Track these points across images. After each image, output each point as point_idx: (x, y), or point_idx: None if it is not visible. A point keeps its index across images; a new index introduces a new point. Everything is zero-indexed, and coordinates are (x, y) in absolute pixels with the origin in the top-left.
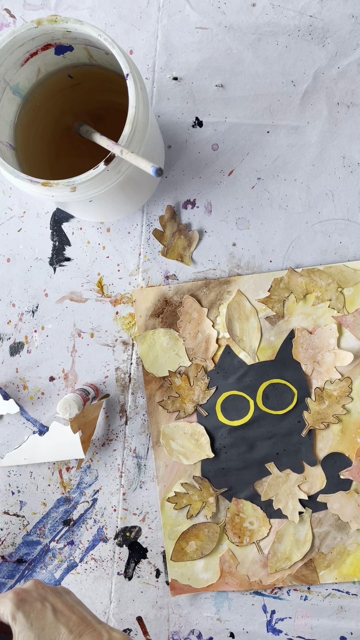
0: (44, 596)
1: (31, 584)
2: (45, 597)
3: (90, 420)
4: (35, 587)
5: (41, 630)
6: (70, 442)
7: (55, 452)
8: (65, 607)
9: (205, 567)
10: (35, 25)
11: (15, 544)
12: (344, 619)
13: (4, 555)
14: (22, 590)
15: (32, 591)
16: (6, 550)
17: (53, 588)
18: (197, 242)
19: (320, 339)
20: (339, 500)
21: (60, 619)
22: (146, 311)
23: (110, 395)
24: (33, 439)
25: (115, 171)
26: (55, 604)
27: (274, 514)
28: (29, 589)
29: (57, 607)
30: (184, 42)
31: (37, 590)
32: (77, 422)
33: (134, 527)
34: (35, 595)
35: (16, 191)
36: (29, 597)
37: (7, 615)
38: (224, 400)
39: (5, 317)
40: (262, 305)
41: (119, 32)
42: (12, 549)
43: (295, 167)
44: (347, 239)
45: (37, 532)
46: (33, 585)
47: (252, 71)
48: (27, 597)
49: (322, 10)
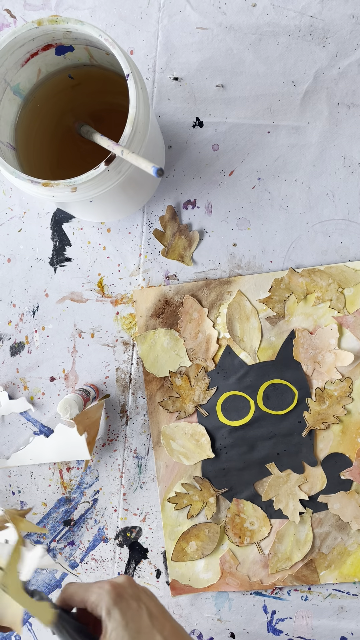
0: (138, 595)
1: (125, 580)
2: (139, 596)
3: (93, 421)
4: (129, 584)
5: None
6: (75, 443)
7: (60, 453)
8: (159, 612)
9: (206, 568)
10: (36, 26)
11: None
12: (344, 619)
13: None
14: (118, 585)
15: (127, 587)
16: None
17: (143, 589)
18: (197, 242)
19: (321, 339)
20: (340, 501)
21: (156, 624)
22: (147, 311)
23: (111, 396)
24: (38, 439)
25: (116, 171)
26: (149, 606)
27: (275, 514)
28: (124, 584)
29: (152, 610)
30: (185, 42)
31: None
32: (82, 425)
33: (135, 528)
34: (131, 593)
35: (17, 191)
36: (125, 593)
37: (102, 608)
38: (224, 401)
39: (5, 317)
40: (263, 306)
41: (120, 33)
42: None
43: (295, 168)
44: (347, 239)
45: (37, 533)
46: (127, 581)
47: (252, 71)
48: (124, 594)
49: (322, 10)
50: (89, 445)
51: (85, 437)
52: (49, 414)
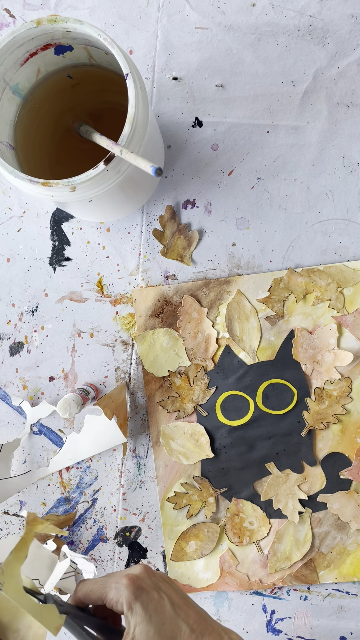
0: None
1: (142, 570)
2: (159, 586)
3: (119, 404)
4: (147, 574)
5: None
6: (108, 431)
7: (97, 445)
8: (181, 600)
9: (205, 567)
10: (35, 25)
11: None
12: (343, 619)
13: None
14: (136, 577)
15: (146, 578)
16: None
17: (161, 575)
18: (196, 242)
19: (320, 339)
20: (339, 500)
21: (180, 613)
22: (146, 311)
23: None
24: (72, 437)
25: (115, 171)
26: (170, 595)
27: (274, 514)
28: (141, 575)
29: (173, 599)
30: (184, 42)
31: (150, 577)
32: (109, 408)
33: (134, 527)
34: (150, 583)
35: (16, 191)
36: (144, 584)
37: (123, 604)
38: (223, 400)
39: (5, 317)
40: (262, 305)
41: (119, 32)
42: None
43: (295, 167)
44: (347, 239)
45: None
46: (144, 571)
47: (252, 71)
48: (144, 585)
49: (322, 10)
50: (121, 428)
51: (116, 421)
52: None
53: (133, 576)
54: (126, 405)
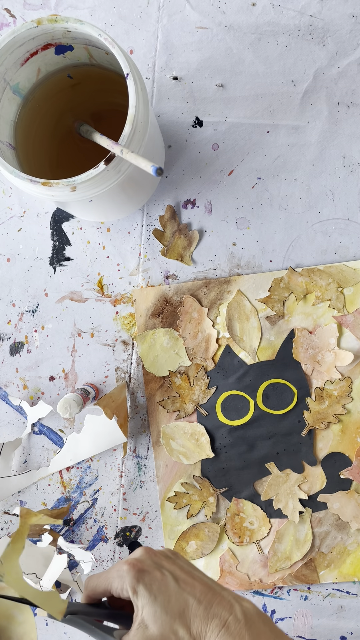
0: (159, 564)
1: (143, 552)
2: (161, 564)
3: (119, 403)
4: (147, 555)
5: (167, 603)
6: (108, 431)
7: (97, 445)
8: (186, 574)
9: (206, 567)
10: (36, 25)
11: None
12: (344, 618)
13: None
14: (136, 561)
15: (146, 559)
16: None
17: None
18: (197, 242)
19: (321, 339)
20: (339, 500)
21: (185, 587)
22: (146, 311)
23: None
24: (72, 437)
25: (116, 171)
26: (173, 571)
27: (274, 514)
28: (142, 557)
29: (177, 574)
30: (184, 41)
31: (151, 558)
32: (109, 408)
33: (134, 527)
34: (151, 564)
35: (16, 191)
36: (145, 566)
37: (127, 590)
38: (224, 400)
39: (5, 317)
40: (262, 305)
41: (119, 32)
42: None
43: (295, 167)
44: (347, 239)
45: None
46: (145, 552)
47: (252, 71)
48: (145, 567)
49: (322, 10)
50: (121, 428)
51: (116, 420)
52: (49, 414)
53: (133, 560)
54: (126, 405)
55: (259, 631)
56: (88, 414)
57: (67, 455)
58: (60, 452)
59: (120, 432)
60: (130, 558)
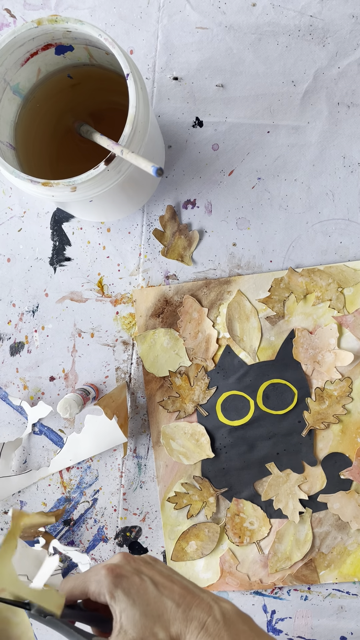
0: (137, 569)
1: (120, 558)
2: (140, 569)
3: (120, 403)
4: (126, 560)
5: (146, 607)
6: (108, 431)
7: (97, 445)
8: (164, 578)
9: (206, 567)
10: (36, 25)
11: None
12: (344, 619)
13: None
14: (115, 566)
15: (124, 565)
16: None
17: (142, 558)
18: (197, 242)
19: (321, 339)
20: (339, 500)
21: (163, 591)
22: (146, 311)
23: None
24: (72, 437)
25: (116, 171)
26: (152, 576)
27: (274, 514)
28: (120, 563)
29: (156, 579)
30: (184, 42)
31: (129, 563)
32: (109, 408)
33: (134, 527)
34: (130, 569)
35: (16, 191)
36: (123, 571)
37: (105, 595)
38: (224, 400)
39: (5, 317)
40: (263, 305)
41: (119, 32)
42: None
43: (295, 167)
44: (347, 239)
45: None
46: (123, 558)
47: (252, 71)
48: (123, 572)
49: (322, 10)
50: (122, 428)
51: (116, 421)
52: (49, 414)
53: (111, 565)
54: (126, 405)
55: (237, 631)
56: (88, 414)
57: (67, 455)
58: (60, 452)
59: (120, 432)
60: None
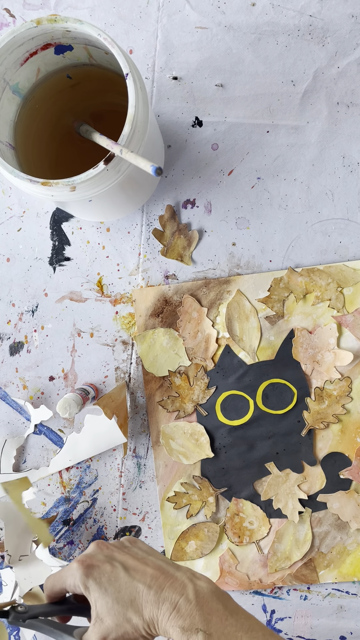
0: (110, 556)
1: (94, 547)
2: (112, 556)
3: (119, 403)
4: (99, 549)
5: (117, 593)
6: (108, 431)
7: (97, 445)
8: (137, 562)
9: (205, 567)
10: (35, 25)
11: None
12: (343, 618)
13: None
14: (86, 557)
15: (97, 554)
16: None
17: (118, 544)
18: (196, 242)
19: (320, 339)
20: (339, 500)
21: (135, 575)
22: (146, 311)
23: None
24: (72, 437)
25: (115, 171)
26: (124, 561)
27: (274, 514)
28: (92, 553)
29: (128, 563)
30: (184, 41)
31: (102, 551)
32: (109, 408)
33: (134, 527)
34: (102, 558)
35: (16, 191)
36: (94, 561)
37: (79, 586)
38: (223, 400)
39: (5, 317)
40: (262, 305)
41: (119, 32)
42: None
43: (295, 167)
44: (346, 239)
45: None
46: (96, 547)
47: (251, 71)
48: (93, 562)
49: (322, 9)
50: (122, 428)
51: (116, 420)
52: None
53: (82, 557)
54: (126, 405)
55: (210, 609)
56: (88, 414)
57: (67, 455)
58: (60, 452)
59: (120, 432)
60: (80, 555)
